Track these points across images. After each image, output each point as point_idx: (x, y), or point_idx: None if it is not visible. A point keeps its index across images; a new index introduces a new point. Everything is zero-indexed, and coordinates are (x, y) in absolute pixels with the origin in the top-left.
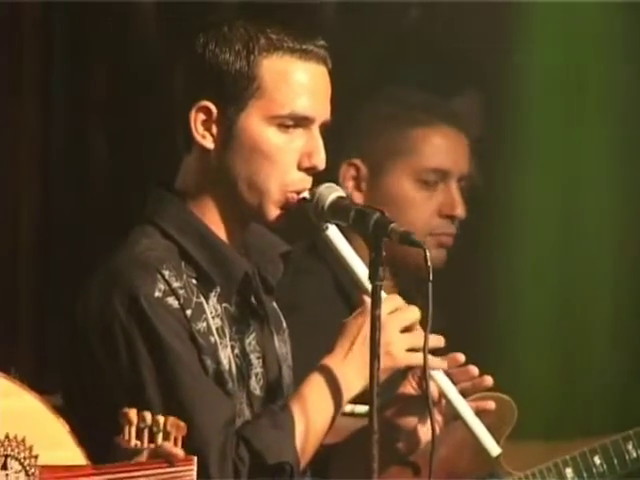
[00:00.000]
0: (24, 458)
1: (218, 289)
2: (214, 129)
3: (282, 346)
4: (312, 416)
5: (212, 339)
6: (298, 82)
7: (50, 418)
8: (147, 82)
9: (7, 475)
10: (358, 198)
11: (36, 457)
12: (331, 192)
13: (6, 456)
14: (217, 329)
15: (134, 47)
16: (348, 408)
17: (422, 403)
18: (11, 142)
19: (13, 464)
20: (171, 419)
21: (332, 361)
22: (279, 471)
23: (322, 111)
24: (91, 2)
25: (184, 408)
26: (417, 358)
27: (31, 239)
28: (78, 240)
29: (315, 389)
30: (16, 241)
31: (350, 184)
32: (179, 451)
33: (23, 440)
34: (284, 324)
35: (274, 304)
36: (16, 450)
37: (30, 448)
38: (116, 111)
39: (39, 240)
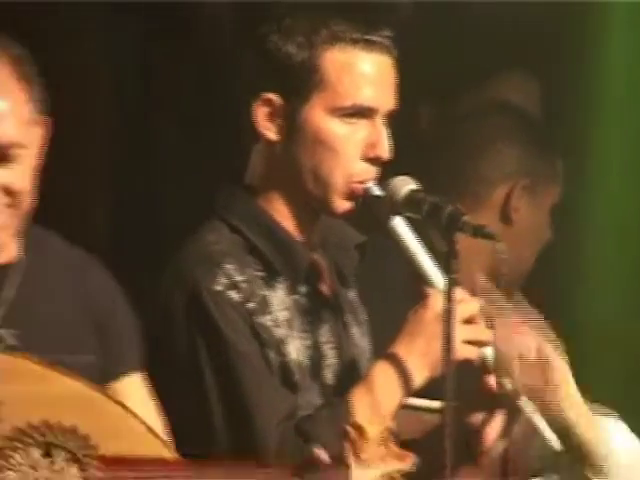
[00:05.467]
0: (75, 447)
1: (285, 281)
2: (278, 121)
3: (362, 339)
4: (377, 404)
5: (279, 332)
6: (361, 73)
7: (111, 406)
8: (215, 75)
9: (52, 462)
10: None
11: (94, 447)
12: (405, 185)
13: (48, 443)
14: (286, 321)
15: (199, 41)
16: (411, 401)
17: (489, 402)
18: (82, 141)
19: (59, 453)
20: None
21: (396, 352)
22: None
23: (386, 101)
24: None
25: (243, 402)
26: (473, 351)
27: (103, 238)
28: (150, 238)
29: (381, 377)
30: (88, 239)
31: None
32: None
33: (74, 429)
34: (364, 316)
35: (353, 295)
36: (61, 438)
37: (84, 437)
38: (184, 108)
39: (110, 237)
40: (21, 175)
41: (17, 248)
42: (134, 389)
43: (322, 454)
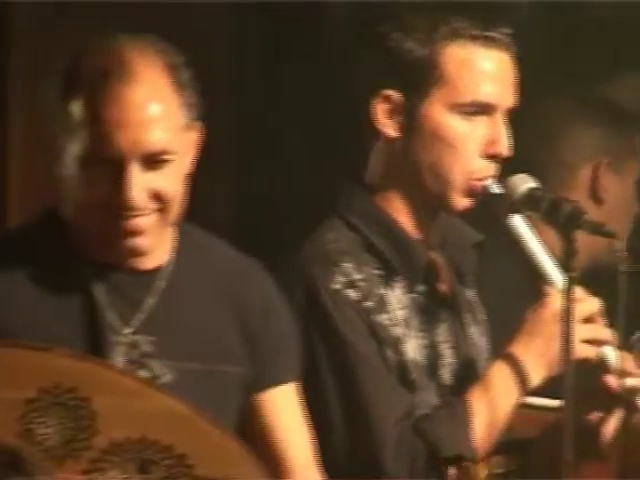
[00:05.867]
0: (171, 466)
1: (402, 279)
2: (397, 118)
3: (481, 338)
4: (494, 403)
5: (397, 330)
6: (480, 69)
7: (209, 427)
8: (335, 74)
9: (147, 479)
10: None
11: (189, 466)
12: (524, 182)
13: (143, 460)
14: (403, 320)
15: (319, 41)
16: (528, 400)
17: (607, 400)
18: (204, 141)
19: (154, 469)
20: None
21: (514, 351)
22: (455, 463)
23: (505, 98)
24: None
25: (361, 401)
26: (592, 351)
27: (225, 237)
28: (272, 237)
29: (499, 377)
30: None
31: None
32: None
33: (170, 446)
34: (483, 315)
35: (471, 295)
36: (158, 455)
37: (180, 456)
38: (305, 108)
39: (233, 237)
40: (172, 181)
41: (167, 253)
42: (283, 400)
43: None
